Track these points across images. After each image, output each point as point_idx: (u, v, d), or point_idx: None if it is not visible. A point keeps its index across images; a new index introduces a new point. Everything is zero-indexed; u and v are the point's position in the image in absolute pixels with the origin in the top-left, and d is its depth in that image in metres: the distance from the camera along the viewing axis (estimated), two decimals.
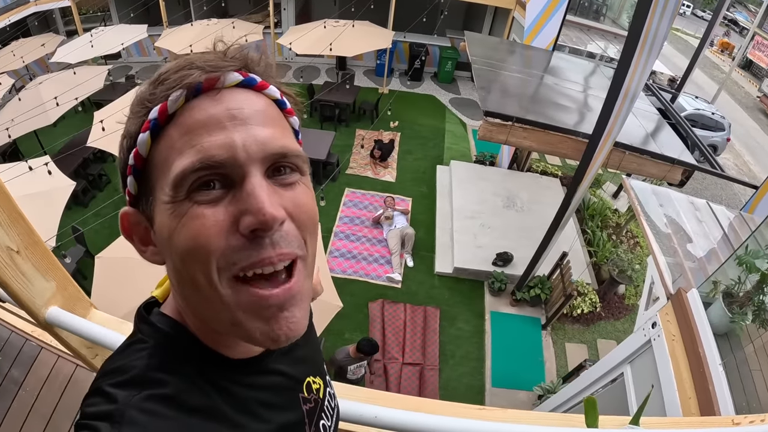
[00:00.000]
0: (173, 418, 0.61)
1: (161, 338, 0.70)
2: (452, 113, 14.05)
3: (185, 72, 0.61)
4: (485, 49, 9.46)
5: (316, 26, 12.99)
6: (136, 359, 0.67)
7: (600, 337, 7.79)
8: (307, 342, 0.89)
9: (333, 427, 0.96)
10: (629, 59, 5.00)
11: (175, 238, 0.60)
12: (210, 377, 0.68)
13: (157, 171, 0.62)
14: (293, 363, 0.85)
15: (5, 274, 1.53)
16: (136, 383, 0.63)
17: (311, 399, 0.88)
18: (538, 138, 6.74)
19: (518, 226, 9.34)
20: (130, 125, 0.64)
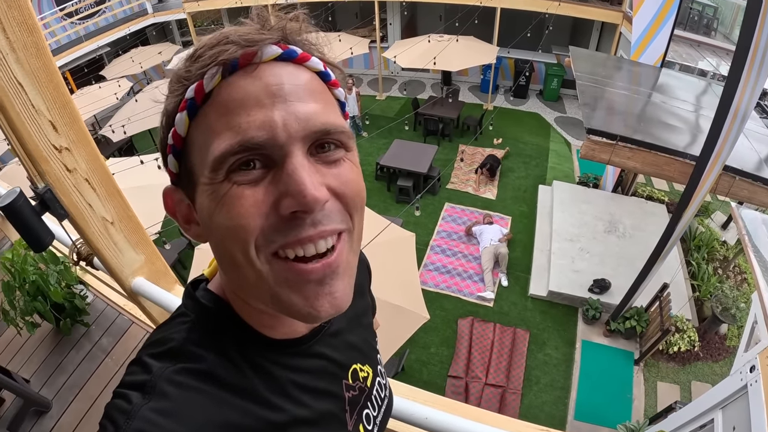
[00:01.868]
0: (205, 392, 0.62)
1: (202, 313, 0.71)
2: (557, 132, 13.71)
3: (221, 48, 0.59)
4: (590, 65, 9.17)
5: (420, 40, 13.22)
6: (176, 332, 0.68)
7: (695, 378, 7.28)
8: (357, 327, 0.94)
9: (381, 418, 0.94)
10: (738, 76, 4.70)
11: (215, 218, 0.59)
12: (248, 355, 0.69)
13: (196, 151, 0.61)
14: (340, 348, 0.85)
15: (99, 242, 1.76)
16: (173, 355, 0.65)
17: (356, 387, 0.87)
18: (643, 159, 6.43)
19: (618, 253, 8.95)
20: (168, 103, 0.63)
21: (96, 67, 15.62)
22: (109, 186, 1.72)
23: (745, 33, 4.57)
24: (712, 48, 11.33)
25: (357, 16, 17.15)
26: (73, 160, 1.58)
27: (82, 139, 1.58)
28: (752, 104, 5.12)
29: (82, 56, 14.97)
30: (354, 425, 0.84)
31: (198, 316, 0.71)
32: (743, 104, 4.96)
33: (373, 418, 0.91)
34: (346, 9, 16.89)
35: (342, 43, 13.43)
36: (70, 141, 1.54)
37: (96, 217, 1.72)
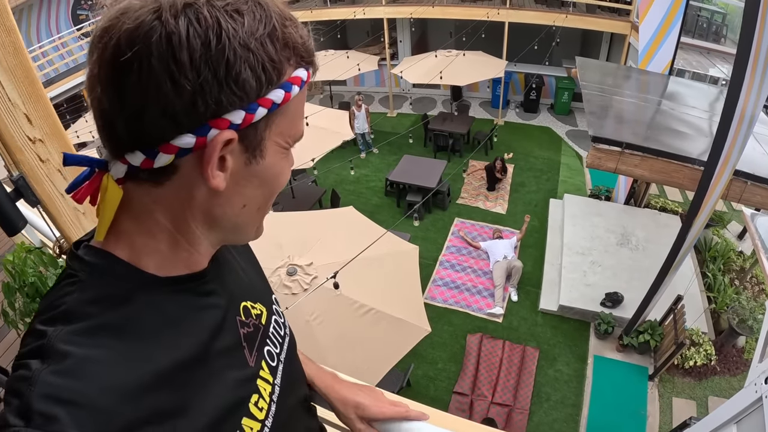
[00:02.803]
0: (104, 346, 0.62)
1: (91, 269, 0.69)
2: (568, 146, 13.57)
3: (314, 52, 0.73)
4: (598, 75, 9.06)
5: (427, 56, 13.29)
6: (66, 294, 0.66)
7: (712, 393, 7.01)
8: (246, 268, 1.00)
9: (285, 354, 0.98)
10: (740, 79, 4.61)
11: (282, 174, 0.75)
12: (143, 299, 0.69)
13: (283, 119, 0.70)
14: (229, 286, 0.87)
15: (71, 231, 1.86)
16: (66, 317, 0.63)
17: (249, 323, 0.89)
18: (651, 166, 6.26)
19: (631, 266, 8.76)
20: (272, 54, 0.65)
21: None
22: None
23: (745, 36, 4.50)
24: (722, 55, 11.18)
25: (368, 34, 17.25)
26: (47, 151, 1.67)
27: (55, 131, 1.67)
28: (759, 107, 5.02)
29: None
30: (255, 361, 0.87)
31: (85, 274, 0.69)
32: (749, 108, 4.85)
33: (276, 355, 0.94)
34: (357, 27, 16.95)
35: (350, 60, 13.47)
36: (43, 133, 1.65)
37: (68, 206, 1.82)
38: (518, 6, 14.13)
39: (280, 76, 0.66)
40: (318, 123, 9.31)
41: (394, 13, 15.03)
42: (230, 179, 0.67)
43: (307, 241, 5.87)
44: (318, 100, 16.23)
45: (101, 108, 0.63)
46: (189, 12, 0.59)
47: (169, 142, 0.61)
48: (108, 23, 0.60)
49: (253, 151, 0.68)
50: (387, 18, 14.93)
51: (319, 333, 5.04)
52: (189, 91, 0.59)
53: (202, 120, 0.61)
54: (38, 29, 15.03)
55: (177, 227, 0.72)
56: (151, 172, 0.64)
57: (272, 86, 0.65)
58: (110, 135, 0.64)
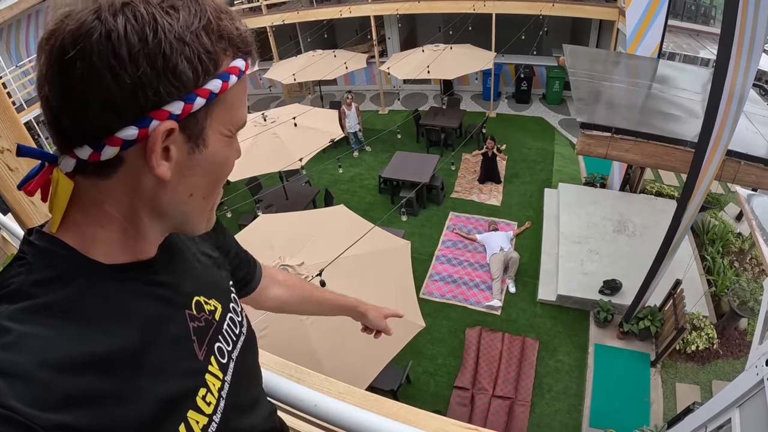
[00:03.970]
0: (47, 325, 0.64)
1: (37, 253, 0.72)
2: (561, 135, 13.49)
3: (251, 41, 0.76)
4: (586, 61, 8.96)
5: (414, 52, 13.29)
6: (13, 276, 0.69)
7: (716, 377, 6.92)
8: (201, 263, 1.00)
9: (237, 353, 0.99)
10: (727, 58, 4.54)
11: (227, 161, 0.78)
12: (86, 283, 0.71)
13: (222, 108, 0.73)
14: (181, 278, 0.89)
15: None
16: (12, 297, 0.65)
17: (201, 318, 0.90)
18: (642, 150, 6.15)
19: (629, 253, 8.68)
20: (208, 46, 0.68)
21: None
22: None
23: (729, 15, 4.44)
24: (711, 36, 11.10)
25: (356, 32, 17.20)
26: (15, 161, 1.72)
27: (22, 141, 1.73)
28: (748, 86, 4.95)
29: None
30: (205, 356, 0.88)
31: (34, 257, 0.71)
32: (738, 87, 4.78)
33: (227, 353, 0.95)
34: (345, 26, 16.96)
35: (337, 59, 13.41)
36: (11, 143, 1.69)
37: (39, 213, 1.85)
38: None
39: (216, 66, 0.70)
40: (307, 123, 9.26)
41: (380, 10, 14.98)
42: (175, 169, 0.70)
43: (298, 242, 5.82)
44: (309, 101, 16.16)
45: (49, 105, 0.66)
46: (126, 10, 0.62)
47: (114, 135, 0.65)
48: (53, 26, 0.63)
49: (195, 140, 0.71)
50: (374, 15, 14.89)
51: (313, 333, 4.99)
52: (129, 84, 0.62)
53: (143, 112, 0.65)
54: (27, 43, 14.98)
55: (126, 217, 0.74)
56: (98, 165, 0.67)
57: (209, 77, 0.69)
58: (58, 130, 0.67)
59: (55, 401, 0.59)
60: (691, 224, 6.71)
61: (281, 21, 15.44)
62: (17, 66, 13.94)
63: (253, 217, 8.22)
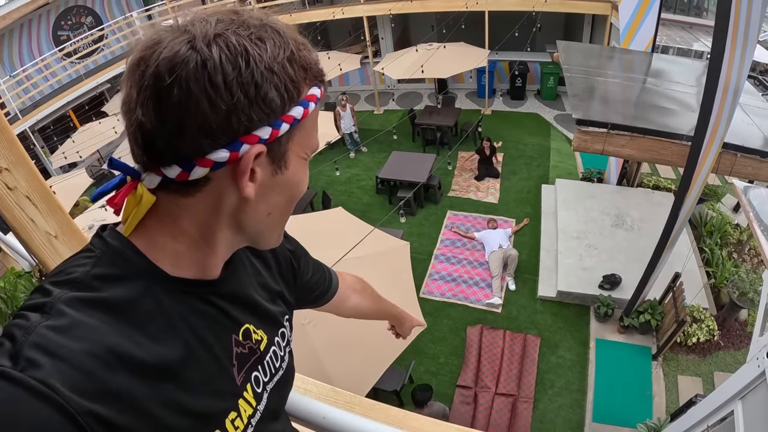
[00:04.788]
0: (100, 318, 0.66)
1: (107, 250, 0.76)
2: (557, 130, 13.50)
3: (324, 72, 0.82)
4: (580, 57, 8.98)
5: (408, 51, 13.25)
6: (79, 265, 0.73)
7: (717, 369, 6.95)
8: (259, 293, 1.02)
9: (273, 386, 1.00)
10: (721, 50, 4.55)
11: (302, 182, 0.82)
12: (146, 288, 0.74)
13: (302, 133, 0.77)
14: (236, 304, 0.92)
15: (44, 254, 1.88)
16: (74, 284, 0.69)
17: (246, 345, 0.92)
18: (638, 145, 6.17)
19: (628, 247, 8.70)
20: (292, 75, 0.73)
21: (97, 104, 15.74)
22: (50, 202, 1.85)
23: (722, 6, 4.44)
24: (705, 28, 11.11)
25: (350, 33, 17.18)
26: (14, 179, 1.73)
27: (20, 160, 1.73)
28: (743, 78, 4.96)
29: (83, 94, 14.97)
30: (242, 382, 0.90)
31: (102, 252, 0.75)
32: (733, 78, 4.79)
33: (263, 383, 0.96)
34: (339, 27, 16.88)
35: (331, 60, 13.38)
36: (9, 162, 1.69)
37: (39, 231, 1.85)
38: None
39: (299, 94, 0.74)
40: None
41: (373, 11, 14.94)
42: (258, 189, 0.75)
43: None
44: None
45: (142, 128, 0.69)
46: (219, 41, 0.67)
47: (206, 157, 0.69)
48: (142, 53, 0.68)
49: (278, 162, 0.76)
50: (367, 16, 14.83)
51: (314, 336, 5.00)
52: (224, 110, 0.66)
53: (235, 136, 0.69)
54: (20, 53, 14.93)
55: (200, 233, 0.78)
56: (183, 183, 0.71)
57: (293, 104, 0.74)
58: (148, 150, 0.70)
59: (92, 390, 0.61)
60: (689, 217, 6.72)
61: None
62: (11, 76, 13.93)
63: None
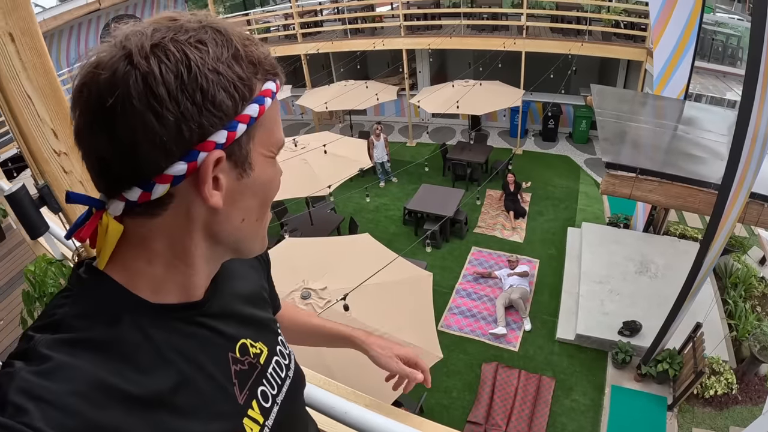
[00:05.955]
0: (83, 357, 0.65)
1: (83, 287, 0.75)
2: (587, 174, 13.52)
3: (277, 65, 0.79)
4: (612, 101, 9.05)
5: (444, 86, 13.47)
6: (58, 306, 0.71)
7: (734, 423, 6.80)
8: (248, 305, 1.00)
9: (283, 397, 0.98)
10: (751, 99, 4.60)
11: (273, 181, 0.80)
12: (130, 322, 0.72)
13: (262, 131, 0.76)
14: (227, 321, 0.89)
15: None
16: (54, 327, 0.68)
17: (245, 361, 0.90)
18: (666, 191, 6.20)
19: (650, 294, 8.65)
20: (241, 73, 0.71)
21: None
22: None
23: (753, 56, 4.51)
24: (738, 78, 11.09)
25: (388, 65, 17.51)
26: (70, 164, 1.85)
27: None
28: None
29: None
30: (246, 400, 0.88)
31: (79, 290, 0.75)
32: (762, 127, 4.83)
33: (271, 396, 0.95)
34: (377, 57, 17.24)
35: (369, 89, 13.70)
36: (68, 147, 1.83)
37: None
38: (534, 36, 14.28)
39: (251, 91, 0.72)
40: (336, 151, 9.46)
41: (412, 45, 15.26)
42: (226, 196, 0.73)
43: (322, 266, 5.94)
44: (338, 129, 16.41)
45: (96, 155, 0.68)
46: (157, 51, 0.65)
47: (164, 173, 0.67)
48: (83, 79, 0.66)
49: (242, 165, 0.74)
50: (406, 49, 15.16)
51: (330, 357, 5.05)
52: (172, 121, 0.64)
53: (189, 145, 0.67)
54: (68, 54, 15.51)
55: (174, 252, 0.76)
56: (148, 204, 0.69)
57: (246, 102, 0.71)
58: (106, 176, 0.70)
59: (81, 429, 0.60)
60: (713, 266, 6.69)
61: (316, 50, 15.81)
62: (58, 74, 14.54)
63: (277, 240, 8.37)
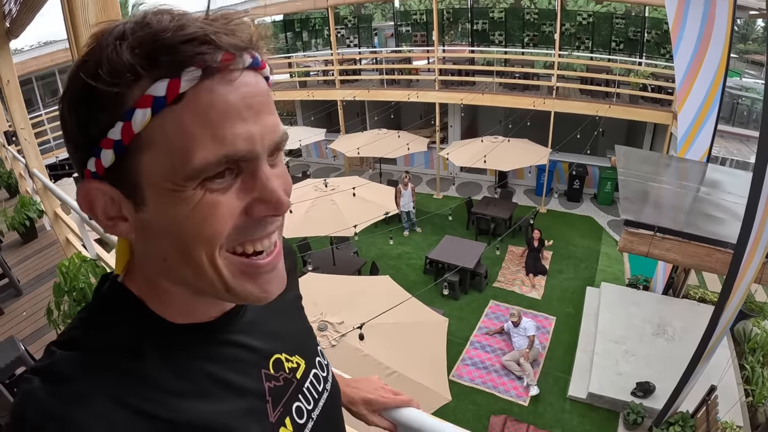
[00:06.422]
0: (103, 377, 0.62)
1: (105, 302, 0.72)
2: (609, 235, 13.57)
3: (198, 48, 0.56)
4: (636, 162, 9.21)
5: (474, 141, 13.92)
6: (81, 321, 0.70)
7: None
8: (283, 316, 0.95)
9: (319, 411, 0.91)
10: (765, 160, 4.74)
11: (184, 223, 0.60)
12: (154, 343, 0.68)
13: (158, 153, 0.58)
14: (258, 336, 0.84)
15: None
16: (74, 344, 0.66)
17: (279, 377, 0.85)
18: (683, 250, 6.24)
19: (666, 356, 8.58)
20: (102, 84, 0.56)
21: None
22: None
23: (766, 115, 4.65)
24: None
25: (421, 117, 17.97)
26: None
27: None
28: None
29: None
30: (278, 417, 0.82)
31: (102, 305, 0.73)
32: None
33: (307, 412, 0.88)
34: (412, 109, 17.78)
35: (400, 139, 14.14)
36: None
37: None
38: (564, 96, 14.65)
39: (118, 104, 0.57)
40: (365, 195, 9.74)
41: (446, 99, 15.75)
42: (136, 229, 0.65)
43: (341, 302, 6.09)
44: (368, 176, 16.84)
45: None
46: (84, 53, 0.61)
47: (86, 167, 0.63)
48: None
49: (134, 197, 0.62)
50: (439, 102, 15.62)
51: None
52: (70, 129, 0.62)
53: (81, 166, 0.63)
54: None
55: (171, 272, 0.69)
56: None
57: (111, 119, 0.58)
58: None
59: None
60: (729, 327, 6.68)
61: (352, 97, 16.37)
62: None
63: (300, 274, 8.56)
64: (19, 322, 4.89)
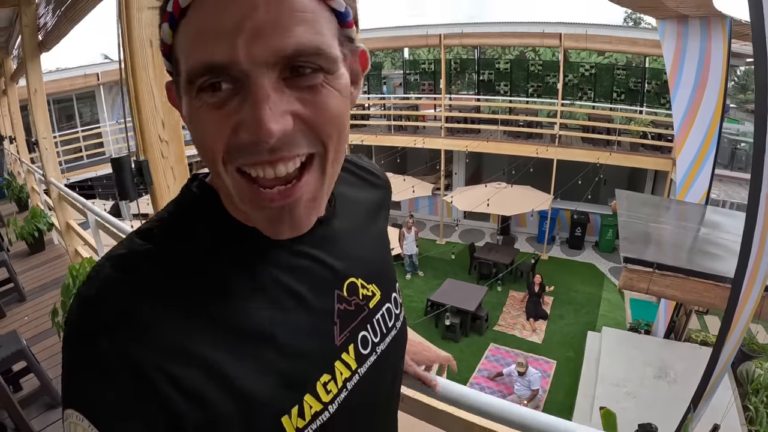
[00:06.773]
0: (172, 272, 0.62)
1: (189, 201, 0.71)
2: (610, 281, 13.60)
3: None
4: (636, 205, 9.31)
5: (477, 187, 14.19)
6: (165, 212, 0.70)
7: None
8: (367, 243, 0.89)
9: (384, 348, 0.87)
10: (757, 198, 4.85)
11: (190, 127, 0.61)
12: (228, 243, 0.68)
13: (180, 58, 0.58)
14: (337, 255, 0.79)
15: None
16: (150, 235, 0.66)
17: (351, 302, 0.80)
18: (682, 286, 6.30)
19: (668, 399, 8.52)
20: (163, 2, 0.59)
21: None
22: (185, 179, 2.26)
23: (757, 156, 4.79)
24: None
25: (426, 162, 18.20)
26: (168, 151, 2.15)
27: (177, 139, 2.19)
28: None
29: None
30: (343, 342, 0.78)
31: (185, 205, 0.72)
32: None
33: (372, 344, 0.84)
34: (417, 155, 17.98)
35: (406, 182, 14.38)
36: (170, 137, 2.14)
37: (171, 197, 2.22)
38: (566, 144, 14.95)
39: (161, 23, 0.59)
40: None
41: (451, 145, 16.04)
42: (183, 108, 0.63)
43: None
44: None
45: None
46: None
47: None
48: None
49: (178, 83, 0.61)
50: (445, 149, 15.93)
51: None
52: None
53: None
54: None
55: None
56: None
57: None
58: None
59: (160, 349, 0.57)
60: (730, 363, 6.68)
61: (360, 141, 16.75)
62: (117, 122, 15.94)
63: None
64: (21, 325, 4.93)
